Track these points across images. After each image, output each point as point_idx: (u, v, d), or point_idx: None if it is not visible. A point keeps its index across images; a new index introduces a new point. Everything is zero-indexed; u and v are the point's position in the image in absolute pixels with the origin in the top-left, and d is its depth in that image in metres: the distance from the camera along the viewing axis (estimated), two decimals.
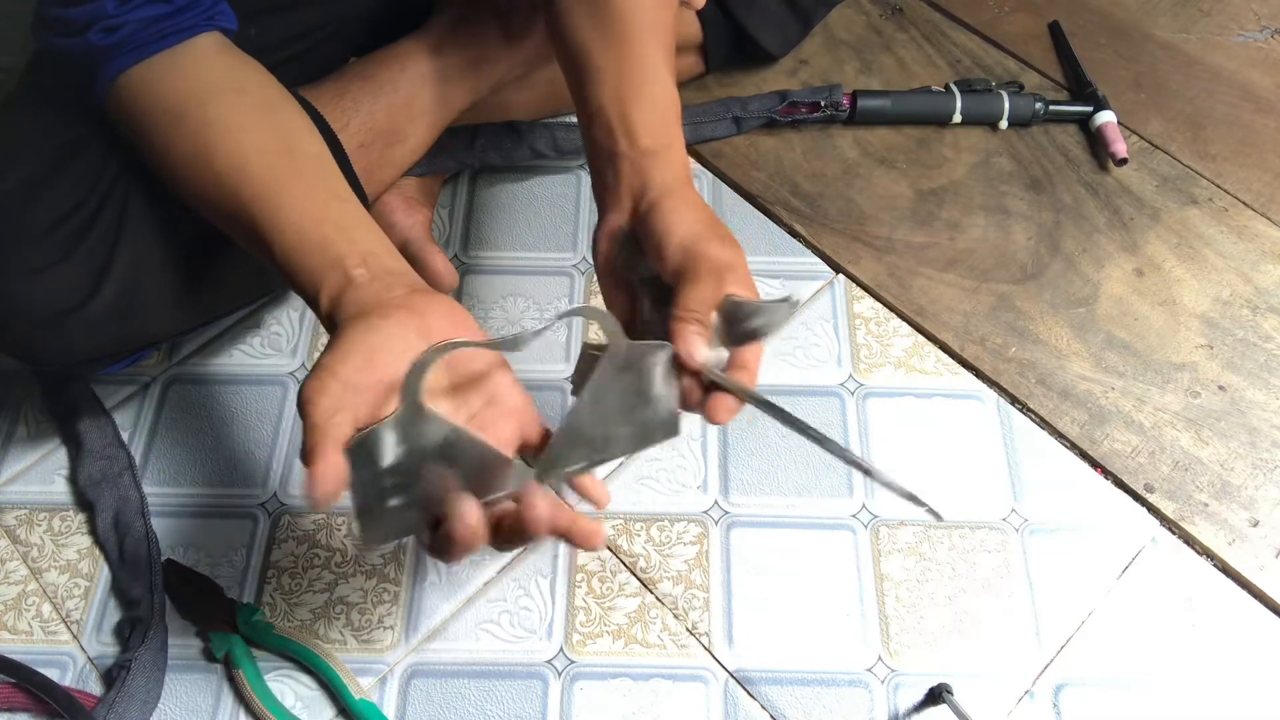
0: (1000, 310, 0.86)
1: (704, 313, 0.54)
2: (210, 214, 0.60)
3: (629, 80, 0.61)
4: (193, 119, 0.59)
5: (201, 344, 0.83)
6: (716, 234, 0.56)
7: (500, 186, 0.93)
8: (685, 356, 0.53)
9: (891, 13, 1.06)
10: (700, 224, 0.56)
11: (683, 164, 0.60)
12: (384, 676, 0.69)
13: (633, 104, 0.60)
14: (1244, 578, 0.73)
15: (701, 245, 0.55)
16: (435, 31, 0.80)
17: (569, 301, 0.86)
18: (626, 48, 0.61)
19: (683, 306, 0.53)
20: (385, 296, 0.53)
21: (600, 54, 0.62)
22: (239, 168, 0.58)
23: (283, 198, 0.57)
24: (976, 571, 0.73)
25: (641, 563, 0.73)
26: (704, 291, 0.54)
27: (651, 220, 0.57)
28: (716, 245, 0.55)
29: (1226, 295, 0.87)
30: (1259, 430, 0.79)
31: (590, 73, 0.62)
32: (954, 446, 0.78)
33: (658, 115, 0.60)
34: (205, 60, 0.61)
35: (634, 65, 0.61)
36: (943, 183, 0.93)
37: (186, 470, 0.77)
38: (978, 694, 0.68)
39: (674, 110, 0.62)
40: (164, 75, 0.60)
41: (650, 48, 0.62)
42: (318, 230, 0.56)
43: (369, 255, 0.55)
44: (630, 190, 0.59)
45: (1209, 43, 1.04)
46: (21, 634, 0.71)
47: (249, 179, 0.57)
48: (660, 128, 0.60)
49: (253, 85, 0.62)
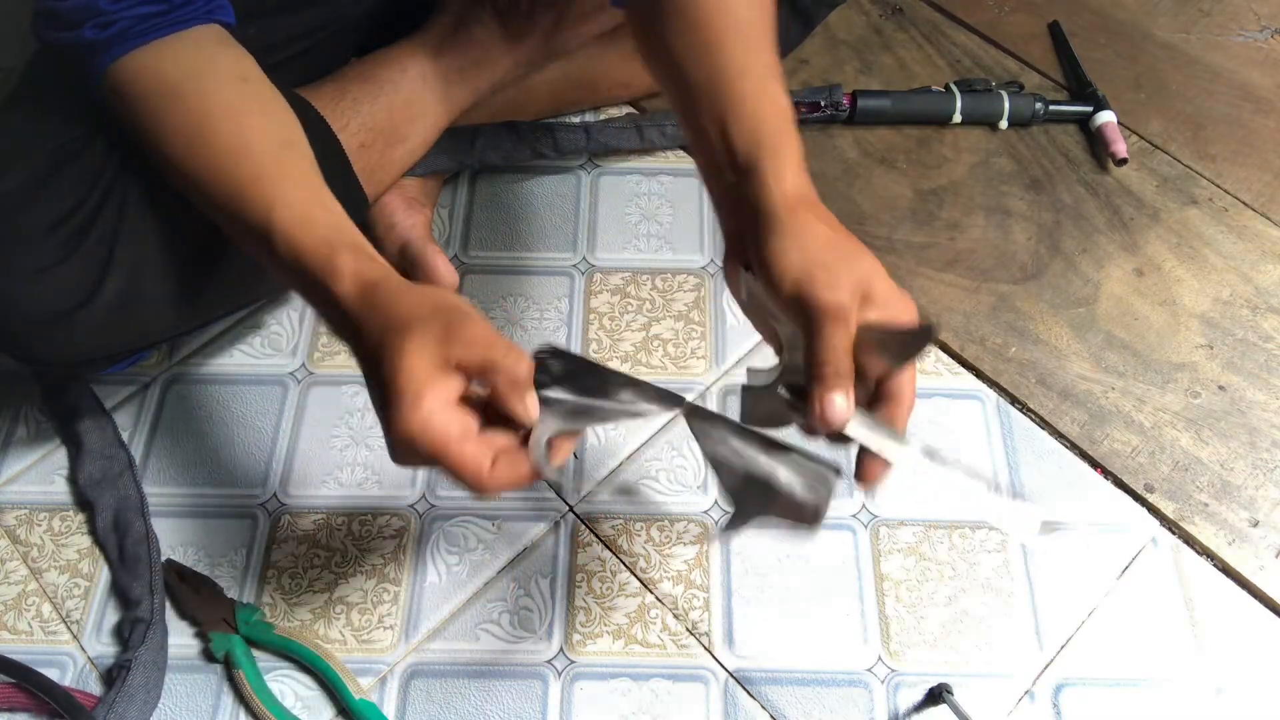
0: (1000, 310, 0.86)
1: (835, 365, 0.48)
2: (203, 199, 0.59)
3: (721, 92, 0.53)
4: (193, 101, 0.58)
5: (201, 344, 0.83)
6: (830, 265, 0.49)
7: (500, 186, 0.93)
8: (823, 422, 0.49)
9: (891, 13, 1.06)
10: (809, 259, 0.49)
11: (792, 172, 0.52)
12: (384, 676, 0.69)
13: (731, 119, 0.53)
14: (1244, 578, 0.73)
15: (812, 291, 0.48)
16: (435, 32, 0.80)
17: (569, 301, 0.86)
18: (718, 56, 0.54)
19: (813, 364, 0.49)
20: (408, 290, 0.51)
21: (693, 69, 0.55)
22: (241, 149, 0.57)
23: (284, 180, 0.55)
24: (976, 571, 0.73)
25: (641, 563, 0.73)
26: (828, 340, 0.48)
27: (762, 266, 0.50)
28: (827, 285, 0.48)
29: (1226, 295, 0.87)
30: (1259, 430, 0.79)
31: (688, 92, 0.55)
32: (954, 446, 0.78)
33: (759, 126, 0.53)
34: (206, 47, 0.61)
35: (728, 75, 0.54)
36: (943, 183, 0.93)
37: (186, 470, 0.77)
38: (978, 694, 0.68)
39: (774, 115, 0.53)
40: (163, 58, 0.59)
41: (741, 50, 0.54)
42: (322, 212, 0.54)
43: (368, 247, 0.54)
44: (739, 223, 0.53)
45: (1209, 43, 1.04)
46: (21, 634, 0.71)
47: (251, 159, 0.56)
48: (756, 140, 0.52)
49: (253, 76, 0.62)
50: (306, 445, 0.78)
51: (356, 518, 0.75)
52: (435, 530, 0.74)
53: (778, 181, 0.51)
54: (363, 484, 0.77)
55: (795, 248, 0.50)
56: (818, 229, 0.51)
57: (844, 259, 0.50)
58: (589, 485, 0.77)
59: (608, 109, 0.96)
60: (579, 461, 0.78)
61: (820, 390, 0.49)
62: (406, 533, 0.74)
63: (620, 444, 0.78)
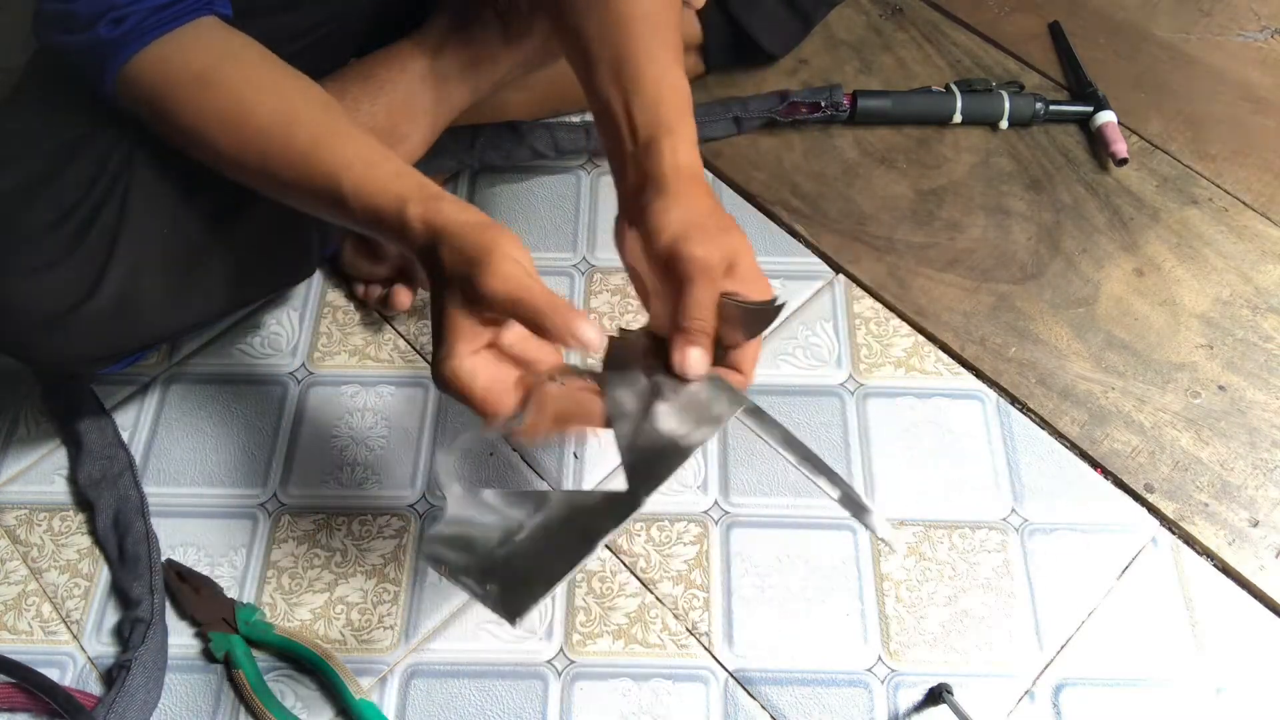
0: (1000, 310, 0.86)
1: (700, 319, 0.53)
2: (251, 175, 0.60)
3: (628, 70, 0.59)
4: (226, 85, 0.60)
5: (201, 344, 0.83)
6: (707, 229, 0.54)
7: (500, 186, 0.93)
8: (680, 372, 0.54)
9: (891, 13, 1.06)
10: (689, 220, 0.54)
11: (685, 151, 0.57)
12: (384, 676, 0.69)
13: (633, 96, 0.58)
14: (1244, 578, 0.73)
15: (686, 246, 0.53)
16: (435, 31, 0.80)
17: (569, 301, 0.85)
18: (625, 36, 0.60)
19: (678, 315, 0.53)
20: None
21: (600, 46, 0.61)
22: (289, 120, 0.59)
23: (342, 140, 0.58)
24: (976, 571, 0.73)
25: (641, 563, 0.73)
26: (697, 295, 0.53)
27: (644, 222, 0.55)
28: (701, 244, 0.53)
29: (1226, 295, 0.87)
30: (1259, 430, 0.79)
31: (593, 66, 0.61)
32: (954, 446, 0.78)
33: (659, 106, 0.58)
34: (221, 33, 0.62)
35: (632, 54, 0.59)
36: (943, 183, 0.93)
37: (186, 470, 0.77)
38: (978, 694, 0.68)
39: (677, 97, 0.59)
40: (184, 50, 0.60)
41: (653, 34, 0.60)
42: (387, 163, 0.57)
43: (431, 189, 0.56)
44: (633, 187, 0.58)
45: (1209, 43, 1.04)
46: (21, 634, 0.71)
47: (303, 127, 0.58)
48: (656, 118, 0.58)
49: (270, 55, 0.63)
50: (306, 445, 0.78)
51: (356, 518, 0.75)
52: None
53: (673, 155, 0.57)
54: (363, 484, 0.77)
55: (677, 209, 0.54)
56: (701, 199, 0.56)
57: (718, 228, 0.54)
58: (589, 485, 0.77)
59: None
60: (579, 461, 0.78)
61: (681, 340, 0.53)
62: (406, 533, 0.74)
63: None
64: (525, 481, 0.77)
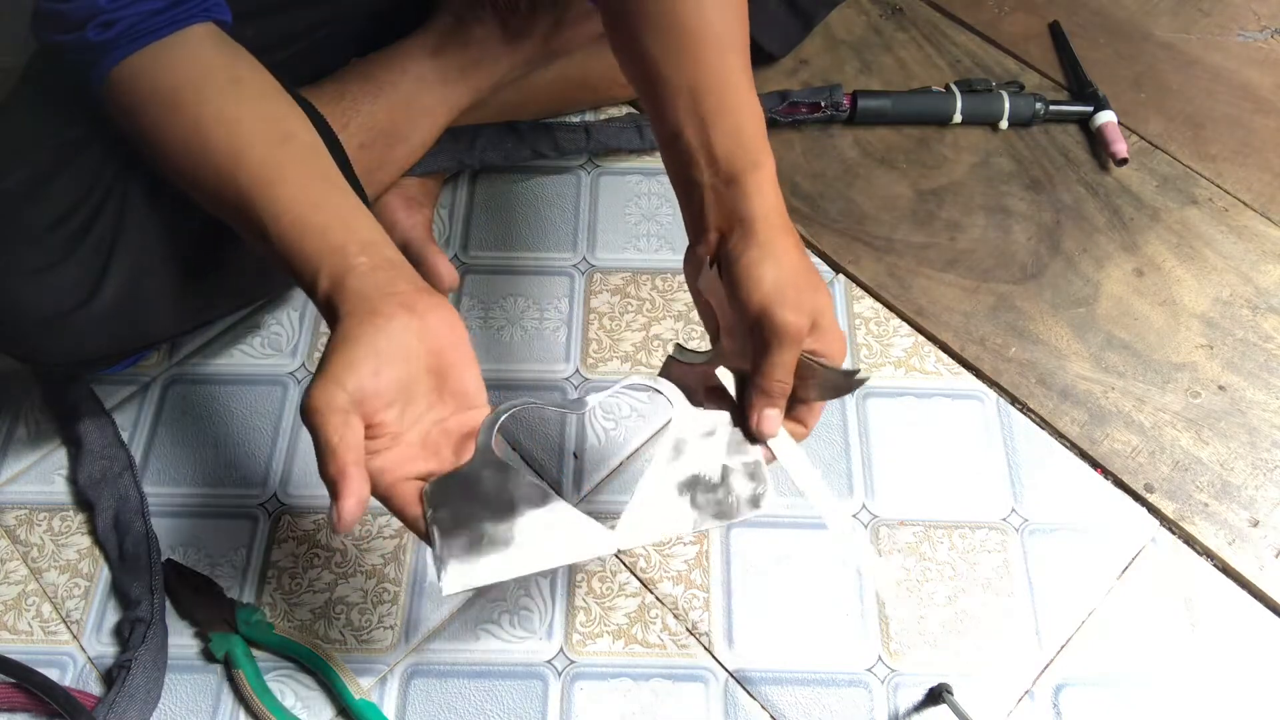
0: (1000, 310, 0.86)
1: (784, 382, 0.55)
2: (207, 202, 0.60)
3: (706, 97, 0.56)
4: (189, 110, 0.58)
5: (201, 344, 0.83)
6: (799, 289, 0.53)
7: (500, 186, 0.93)
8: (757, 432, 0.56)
9: (891, 13, 1.06)
10: (783, 280, 0.53)
11: (771, 189, 0.56)
12: (384, 676, 0.69)
13: (713, 125, 0.55)
14: (1244, 578, 0.73)
15: (780, 310, 0.53)
16: (435, 32, 0.80)
17: (569, 301, 0.86)
18: (701, 61, 0.56)
19: (762, 376, 0.54)
20: (389, 291, 0.52)
21: (673, 70, 0.57)
22: (235, 155, 0.57)
23: (280, 185, 0.56)
24: (976, 571, 0.73)
25: (641, 563, 0.73)
26: (782, 358, 0.53)
27: (735, 271, 0.54)
28: (794, 308, 0.53)
29: (1226, 295, 0.87)
30: (1259, 430, 0.79)
31: (665, 91, 0.57)
32: (954, 446, 0.78)
33: (741, 135, 0.56)
34: (200, 49, 0.61)
35: (711, 80, 0.56)
36: (943, 183, 0.93)
37: (186, 470, 0.77)
38: (978, 694, 0.68)
39: (757, 127, 0.57)
40: (159, 66, 0.59)
41: (728, 59, 0.57)
42: (316, 216, 0.55)
43: (369, 244, 0.55)
44: (715, 223, 0.56)
45: (1209, 43, 1.04)
46: (21, 634, 0.71)
47: (246, 165, 0.56)
48: (742, 150, 0.55)
49: (247, 74, 0.61)
50: (306, 445, 0.78)
51: None
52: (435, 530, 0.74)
53: (760, 195, 0.55)
54: None
55: (771, 267, 0.53)
56: (792, 255, 0.55)
57: (808, 288, 0.54)
58: (589, 485, 0.77)
59: (608, 109, 0.96)
60: (579, 461, 0.78)
61: (762, 402, 0.55)
62: (406, 533, 0.74)
63: (620, 444, 0.78)
64: None
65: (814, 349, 0.55)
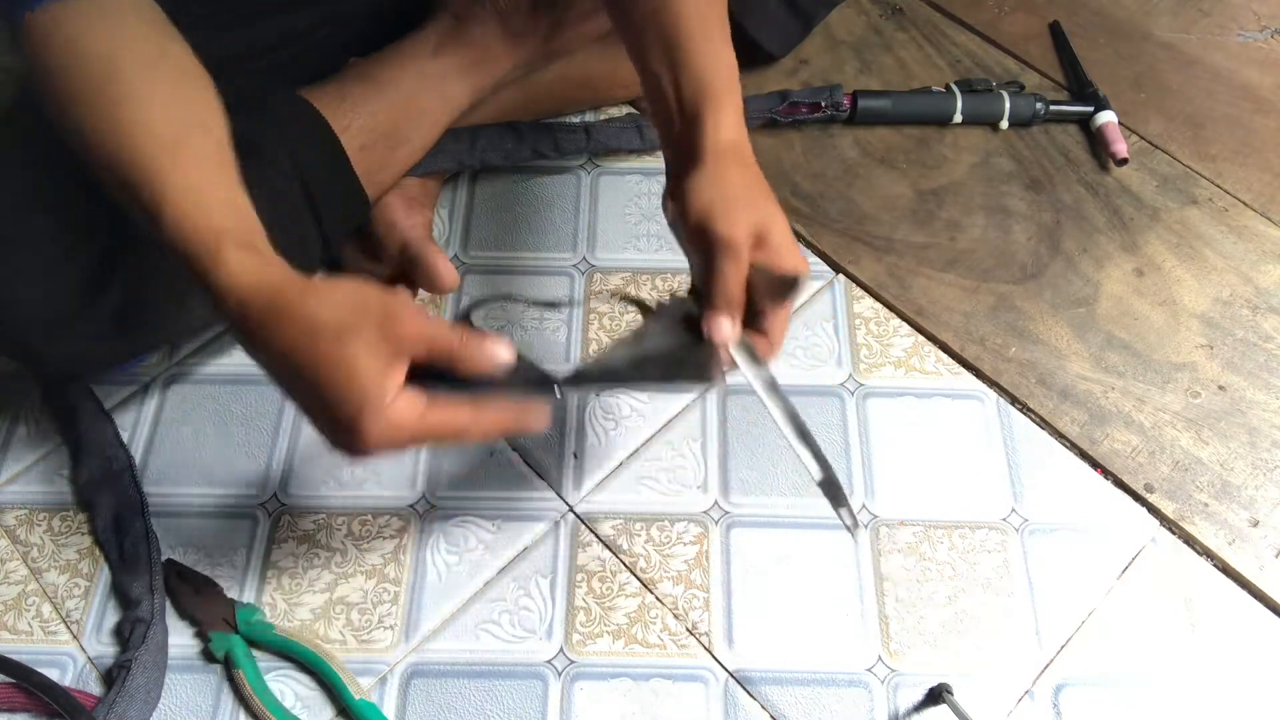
0: (1000, 310, 0.86)
1: (728, 291, 0.56)
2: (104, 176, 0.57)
3: (678, 48, 0.60)
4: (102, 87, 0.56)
5: (201, 344, 0.83)
6: (736, 203, 0.56)
7: (500, 186, 0.93)
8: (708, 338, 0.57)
9: (891, 13, 1.06)
10: (717, 196, 0.56)
11: (730, 126, 0.59)
12: (384, 676, 0.69)
13: (681, 71, 0.60)
14: (1244, 578, 0.73)
15: (712, 223, 0.55)
16: (435, 32, 0.80)
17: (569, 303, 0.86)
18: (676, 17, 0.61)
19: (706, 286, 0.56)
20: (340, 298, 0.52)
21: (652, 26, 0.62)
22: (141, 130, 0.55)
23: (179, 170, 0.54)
24: (976, 571, 0.73)
25: (641, 563, 0.73)
26: (723, 269, 0.55)
27: (679, 199, 0.58)
28: (727, 221, 0.55)
29: (1226, 295, 0.87)
30: (1259, 430, 0.79)
31: (645, 46, 0.62)
32: (954, 446, 0.78)
33: (704, 78, 0.60)
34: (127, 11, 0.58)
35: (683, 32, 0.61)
36: (943, 183, 0.93)
37: (186, 470, 0.77)
38: (978, 694, 0.68)
39: (721, 70, 0.60)
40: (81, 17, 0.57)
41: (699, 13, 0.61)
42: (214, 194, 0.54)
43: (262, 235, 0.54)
44: (675, 159, 0.60)
45: (1209, 43, 1.04)
46: (21, 634, 0.71)
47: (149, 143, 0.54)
48: (705, 93, 0.59)
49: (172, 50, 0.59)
50: (306, 445, 0.78)
51: (356, 518, 0.75)
52: (435, 530, 0.74)
53: (715, 130, 0.58)
54: (363, 484, 0.77)
55: (709, 186, 0.57)
56: (734, 173, 0.58)
57: (749, 203, 0.57)
58: (589, 485, 0.77)
59: (608, 109, 0.96)
60: (579, 461, 0.78)
61: (710, 312, 0.57)
62: (406, 533, 0.74)
63: (620, 444, 0.78)
64: (523, 480, 0.77)
65: (764, 260, 0.57)
